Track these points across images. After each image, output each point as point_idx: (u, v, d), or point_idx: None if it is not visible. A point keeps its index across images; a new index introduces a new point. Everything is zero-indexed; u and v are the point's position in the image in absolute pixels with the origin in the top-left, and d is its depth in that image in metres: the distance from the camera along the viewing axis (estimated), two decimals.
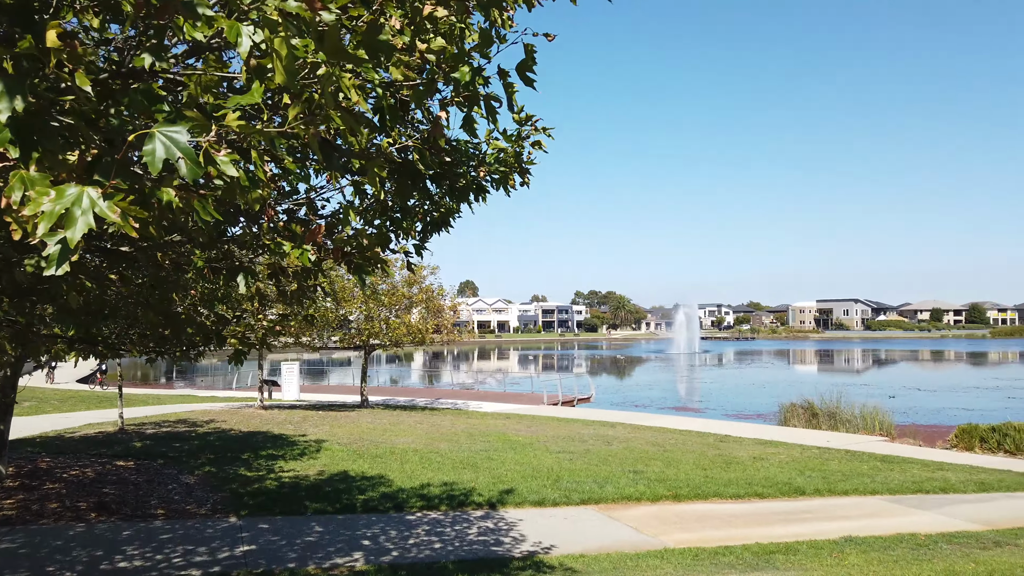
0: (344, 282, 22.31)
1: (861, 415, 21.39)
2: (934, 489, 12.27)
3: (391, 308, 23.71)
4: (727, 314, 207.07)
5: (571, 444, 16.30)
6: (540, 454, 14.48)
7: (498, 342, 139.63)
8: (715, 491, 11.33)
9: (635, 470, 12.97)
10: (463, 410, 25.50)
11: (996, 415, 28.88)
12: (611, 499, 10.57)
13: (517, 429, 19.04)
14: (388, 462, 12.78)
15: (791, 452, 16.52)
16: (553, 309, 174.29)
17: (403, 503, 9.80)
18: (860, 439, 19.35)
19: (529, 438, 16.97)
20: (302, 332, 21.47)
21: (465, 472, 12.14)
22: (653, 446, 16.69)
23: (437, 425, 19.15)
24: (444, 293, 24.82)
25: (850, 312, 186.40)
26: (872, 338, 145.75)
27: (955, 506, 11.06)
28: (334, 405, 25.69)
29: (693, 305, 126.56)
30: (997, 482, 13.01)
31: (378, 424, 18.68)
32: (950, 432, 23.75)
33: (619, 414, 25.95)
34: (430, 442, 15.55)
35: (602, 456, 14.61)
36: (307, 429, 17.02)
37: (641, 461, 14.21)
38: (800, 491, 11.67)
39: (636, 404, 34.50)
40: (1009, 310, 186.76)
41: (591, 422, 21.88)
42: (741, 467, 13.94)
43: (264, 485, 10.74)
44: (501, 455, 14.04)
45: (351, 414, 21.41)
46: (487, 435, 17.19)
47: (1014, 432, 17.14)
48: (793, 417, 22.60)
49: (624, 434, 18.99)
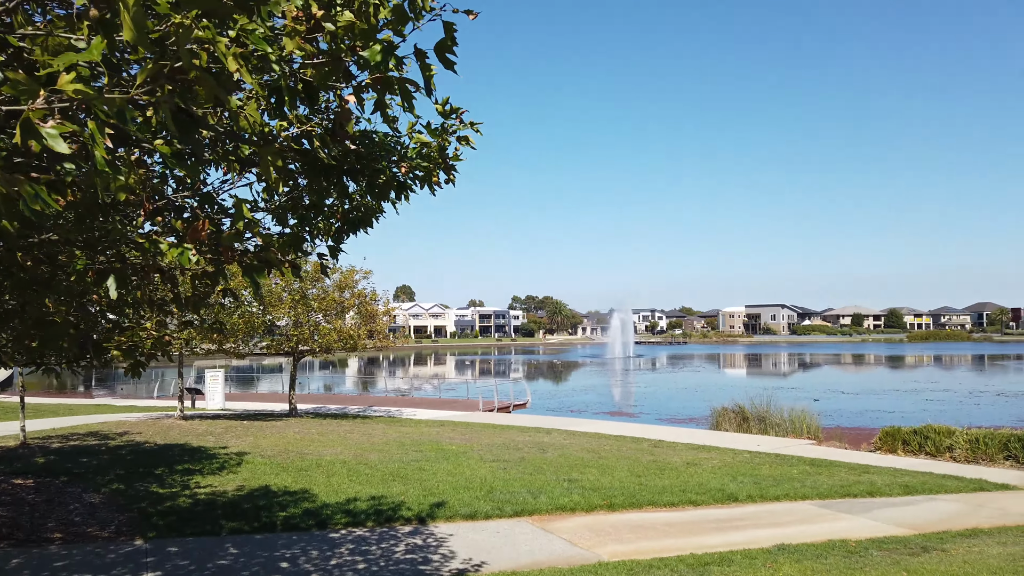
0: (272, 286, 21.47)
1: (790, 419, 21.78)
2: (861, 493, 12.44)
3: (321, 313, 22.94)
4: (660, 319, 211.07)
5: (506, 452, 15.99)
6: (474, 463, 14.12)
7: (435, 347, 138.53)
8: (649, 499, 11.19)
9: (570, 479, 12.74)
10: (396, 418, 24.91)
11: (915, 417, 29.99)
12: (545, 510, 10.29)
13: (451, 437, 18.61)
14: (314, 475, 12.20)
15: (723, 457, 16.62)
16: (490, 314, 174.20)
17: (327, 520, 9.29)
18: (789, 442, 19.68)
19: (463, 447, 16.58)
20: (224, 340, 20.53)
21: (395, 484, 11.68)
22: (588, 453, 16.53)
23: (368, 434, 18.56)
24: (377, 297, 24.18)
25: (777, 317, 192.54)
26: (797, 342, 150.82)
27: (882, 510, 11.21)
28: (261, 414, 24.72)
29: (628, 310, 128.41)
30: (920, 485, 13.31)
31: (306, 434, 17.97)
32: (874, 434, 24.49)
33: (555, 420, 25.80)
34: (360, 453, 14.99)
35: (537, 464, 14.35)
36: (229, 441, 16.20)
37: (576, 469, 14.01)
38: (733, 497, 11.65)
39: (572, 409, 34.50)
40: (924, 315, 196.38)
41: (527, 429, 21.63)
42: (675, 473, 13.89)
43: (177, 503, 10.04)
44: (433, 465, 13.61)
45: (278, 424, 20.58)
46: (420, 444, 16.72)
47: (934, 435, 17.68)
48: (725, 421, 22.87)
49: (559, 441, 18.80)
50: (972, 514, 11.14)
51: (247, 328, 20.61)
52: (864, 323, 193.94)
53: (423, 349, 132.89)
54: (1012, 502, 12.12)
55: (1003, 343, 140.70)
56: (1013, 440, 16.35)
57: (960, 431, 17.54)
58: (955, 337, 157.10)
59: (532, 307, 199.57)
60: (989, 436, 16.77)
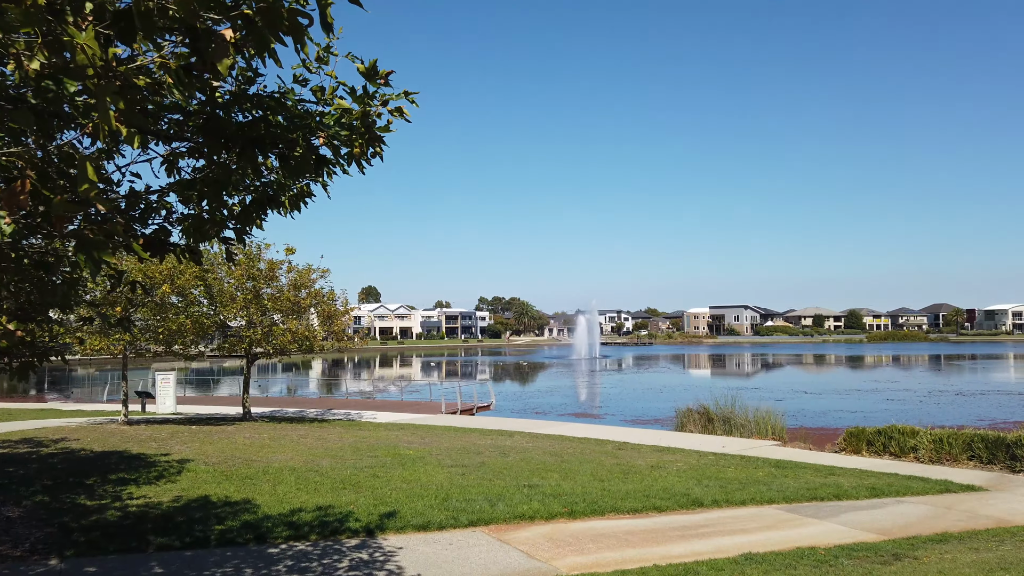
0: (224, 284, 20.58)
1: (755, 419, 21.58)
2: (828, 496, 12.14)
3: (278, 313, 22.09)
4: (626, 320, 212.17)
5: (465, 456, 15.42)
6: (431, 469, 13.52)
7: (400, 349, 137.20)
8: (612, 505, 10.72)
9: (530, 484, 12.23)
10: (355, 421, 24.17)
11: (877, 417, 30.15)
12: (503, 519, 9.75)
13: (410, 441, 17.99)
14: (259, 484, 11.49)
15: (688, 459, 16.27)
16: (457, 315, 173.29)
17: (267, 533, 8.62)
18: (754, 443, 19.44)
19: (421, 451, 15.97)
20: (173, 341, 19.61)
21: (345, 493, 11.04)
22: (551, 456, 16.05)
23: (323, 439, 17.84)
24: (335, 297, 23.41)
25: (740, 318, 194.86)
26: (761, 343, 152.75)
27: (850, 514, 10.90)
28: (214, 419, 23.78)
29: (594, 311, 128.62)
30: (887, 487, 13.07)
31: (256, 439, 17.18)
32: (837, 434, 24.43)
33: (518, 422, 25.31)
34: (311, 459, 14.29)
35: (497, 469, 13.81)
36: (173, 447, 15.36)
37: (537, 473, 13.51)
38: (698, 502, 11.24)
39: (537, 411, 34.05)
40: (883, 316, 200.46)
41: (489, 431, 21.09)
42: (639, 477, 13.46)
43: (104, 517, 9.28)
44: (388, 472, 12.99)
45: (229, 428, 19.73)
46: (376, 449, 16.06)
47: (898, 435, 17.55)
48: (689, 422, 22.59)
49: (522, 444, 18.30)
50: (940, 517, 10.89)
51: (196, 329, 19.70)
52: (825, 324, 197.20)
53: (388, 351, 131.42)
54: (979, 504, 11.92)
55: (958, 343, 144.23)
56: (976, 440, 16.27)
57: (924, 431, 17.44)
58: (913, 337, 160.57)
59: (499, 308, 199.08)
60: (953, 436, 16.67)
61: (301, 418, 25.04)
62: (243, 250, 21.56)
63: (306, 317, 22.81)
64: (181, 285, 18.43)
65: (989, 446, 16.07)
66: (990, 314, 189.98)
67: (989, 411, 32.07)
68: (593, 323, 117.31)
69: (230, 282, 20.81)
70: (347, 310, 23.93)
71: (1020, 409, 32.64)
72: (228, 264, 21.01)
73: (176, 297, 19.63)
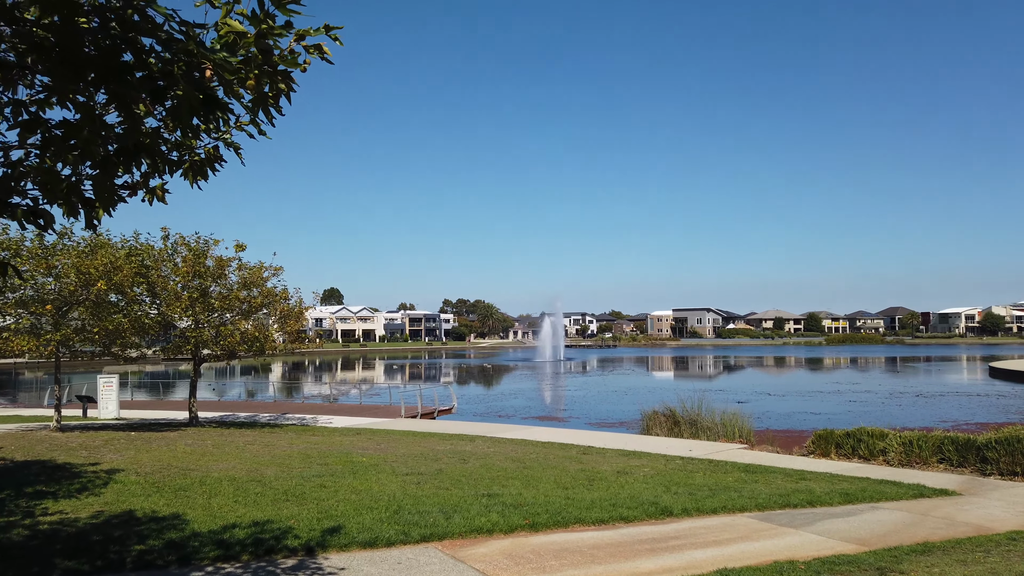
0: (168, 282, 19.40)
1: (722, 422, 21.13)
2: (801, 503, 11.61)
3: (228, 313, 20.96)
4: (591, 322, 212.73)
5: (422, 463, 14.59)
6: (384, 478, 12.67)
7: (363, 351, 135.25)
8: (577, 516, 10.01)
9: (490, 493, 11.46)
10: (310, 426, 23.15)
11: (841, 419, 30.05)
12: (458, 533, 8.97)
13: (364, 447, 17.08)
14: (192, 496, 10.52)
15: (655, 464, 15.67)
16: (420, 317, 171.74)
17: (192, 554, 7.71)
18: (721, 447, 18.96)
19: (375, 458, 15.09)
20: (111, 342, 18.38)
21: (287, 506, 10.14)
22: (512, 462, 15.30)
23: (271, 445, 16.83)
24: (289, 296, 22.35)
25: (703, 320, 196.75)
26: (723, 345, 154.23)
27: (826, 522, 10.35)
28: (158, 424, 22.54)
29: (559, 314, 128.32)
30: (860, 492, 12.60)
31: (199, 447, 16.12)
32: (804, 436, 24.12)
33: (480, 426, 24.53)
34: (255, 468, 13.32)
35: (455, 477, 13.01)
36: (104, 456, 14.23)
37: (498, 481, 12.75)
38: (667, 511, 10.59)
39: (500, 414, 33.30)
40: (841, 319, 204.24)
41: (449, 436, 20.27)
42: (605, 484, 12.79)
43: (8, 536, 8.26)
44: (337, 481, 12.10)
45: (171, 435, 18.58)
46: (327, 456, 15.14)
47: (867, 437, 17.18)
48: (655, 425, 22.06)
49: (483, 449, 17.53)
50: (919, 524, 10.40)
51: (136, 329, 18.49)
52: (785, 327, 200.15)
53: (350, 353, 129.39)
54: (955, 510, 11.49)
55: (914, 345, 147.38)
56: (946, 443, 15.96)
57: (893, 433, 17.11)
58: (870, 340, 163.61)
59: (463, 311, 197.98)
60: (923, 439, 16.35)
61: (252, 423, 23.91)
62: (176, 239, 20.35)
63: (258, 317, 21.72)
64: (119, 282, 17.25)
65: (959, 449, 15.77)
66: (944, 317, 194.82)
67: (950, 412, 32.23)
68: (558, 325, 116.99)
69: (175, 280, 19.65)
70: (302, 310, 22.88)
71: (981, 410, 32.88)
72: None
73: (116, 295, 18.41)
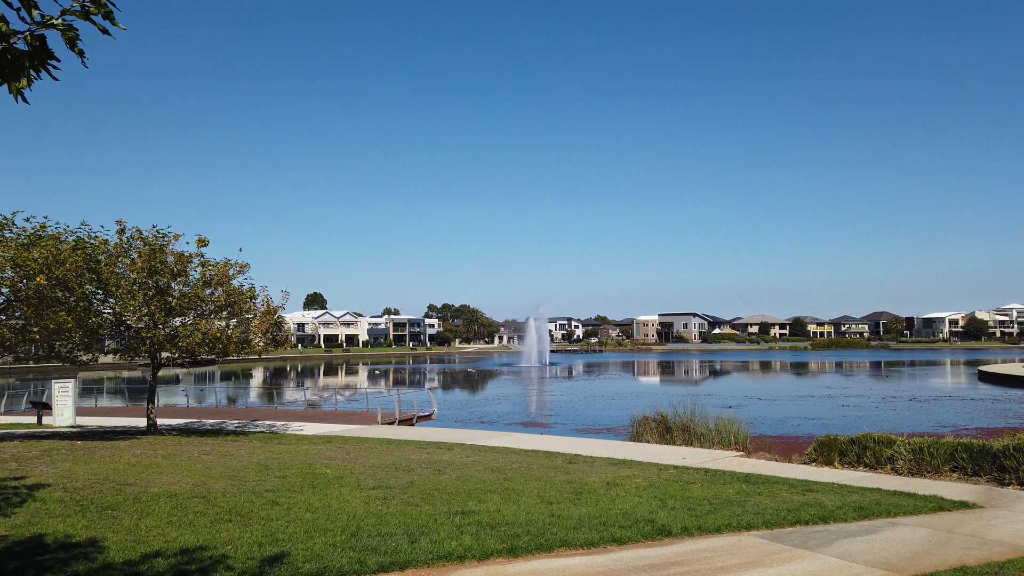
0: (120, 278, 17.92)
1: (716, 428, 19.93)
2: (813, 519, 10.39)
3: (189, 312, 19.48)
4: (577, 327, 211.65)
5: (393, 475, 13.25)
6: (347, 492, 11.32)
7: (346, 357, 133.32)
8: (562, 538, 8.72)
9: (464, 510, 10.15)
10: (278, 434, 21.72)
11: (836, 424, 29.01)
12: (424, 560, 7.65)
13: (332, 457, 15.72)
14: (120, 517, 9.12)
15: (648, 474, 14.43)
16: (405, 322, 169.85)
17: None
18: (717, 454, 17.77)
19: (341, 469, 13.73)
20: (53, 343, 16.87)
21: (228, 528, 8.77)
22: (493, 473, 14.00)
23: (229, 455, 15.42)
24: (256, 295, 20.91)
25: (689, 325, 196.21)
26: (709, 350, 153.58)
27: (844, 542, 9.13)
28: (114, 432, 21.02)
29: (544, 318, 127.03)
30: (874, 505, 11.42)
31: (147, 457, 14.67)
32: (800, 443, 22.99)
33: (461, 432, 23.20)
34: (203, 482, 11.92)
35: (427, 491, 11.68)
36: (35, 468, 12.75)
37: (475, 496, 11.44)
38: (665, 530, 9.33)
39: (483, 420, 31.97)
40: (826, 324, 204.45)
41: (426, 444, 18.93)
42: (594, 498, 11.52)
43: None
44: (293, 497, 10.74)
45: (122, 444, 17.10)
46: (288, 467, 13.76)
47: (873, 444, 16.04)
48: (646, 431, 20.82)
49: (461, 458, 16.21)
50: (948, 544, 9.21)
51: (82, 328, 16.98)
52: (771, 331, 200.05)
53: (333, 359, 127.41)
54: (983, 526, 10.31)
55: (898, 350, 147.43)
56: (960, 449, 14.83)
57: (900, 440, 15.98)
58: (855, 345, 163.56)
59: (448, 315, 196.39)
60: (934, 445, 15.22)
61: (217, 431, 22.44)
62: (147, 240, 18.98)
63: (220, 317, 20.26)
64: (62, 276, 15.76)
65: (974, 456, 14.64)
66: (928, 322, 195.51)
67: (947, 417, 31.25)
68: (543, 330, 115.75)
69: (129, 275, 18.17)
70: (271, 309, 21.44)
71: (978, 415, 31.93)
72: (128, 255, 18.40)
73: (63, 292, 16.91)
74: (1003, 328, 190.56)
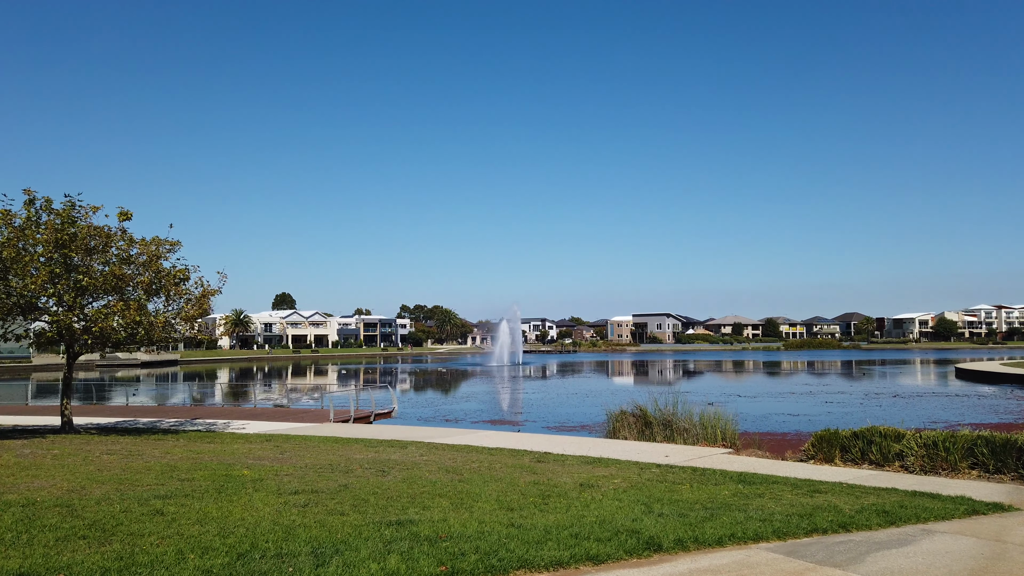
0: (19, 251, 15.53)
1: (700, 423, 18.05)
2: (831, 526, 8.48)
3: (103, 291, 17.10)
4: (551, 328, 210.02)
5: (326, 477, 11.11)
6: (260, 499, 9.16)
7: (315, 357, 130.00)
8: (521, 556, 6.68)
9: (401, 519, 8.06)
10: (215, 432, 19.45)
11: (821, 420, 27.34)
12: None
13: (261, 457, 13.52)
14: None
15: (627, 473, 12.46)
16: (376, 323, 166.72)
17: None
18: (703, 451, 15.88)
19: (264, 471, 11.55)
20: None
21: (73, 548, 6.59)
22: (446, 473, 11.92)
23: (136, 456, 13.15)
24: (187, 275, 18.58)
25: (663, 326, 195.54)
26: (683, 350, 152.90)
27: (876, 556, 7.21)
28: (18, 430, 18.60)
29: (517, 319, 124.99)
30: (897, 508, 9.55)
31: (32, 458, 12.35)
32: (789, 439, 21.19)
33: (421, 430, 21.08)
34: (83, 486, 9.68)
35: (362, 496, 9.57)
36: None
37: (419, 501, 9.36)
38: (654, 544, 7.34)
39: (448, 418, 29.85)
40: (798, 324, 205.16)
41: (376, 442, 16.80)
42: (565, 502, 9.50)
43: None
44: (186, 506, 8.57)
45: (14, 443, 14.73)
46: (200, 469, 11.54)
47: (879, 438, 14.23)
48: (624, 427, 18.88)
49: (414, 457, 14.11)
50: (1004, 558, 7.33)
51: None
52: (744, 332, 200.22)
53: (301, 359, 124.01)
54: None
55: (869, 350, 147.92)
56: (980, 444, 13.05)
57: (910, 434, 14.19)
58: (827, 345, 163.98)
59: (421, 316, 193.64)
60: (949, 439, 13.42)
61: (148, 429, 20.08)
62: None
63: (147, 300, 17.89)
64: None
65: (996, 451, 12.87)
66: (898, 322, 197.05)
67: (937, 412, 29.78)
68: (516, 329, 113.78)
69: (35, 249, 15.79)
70: (207, 292, 19.11)
71: (969, 411, 30.51)
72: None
73: None
74: (972, 329, 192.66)
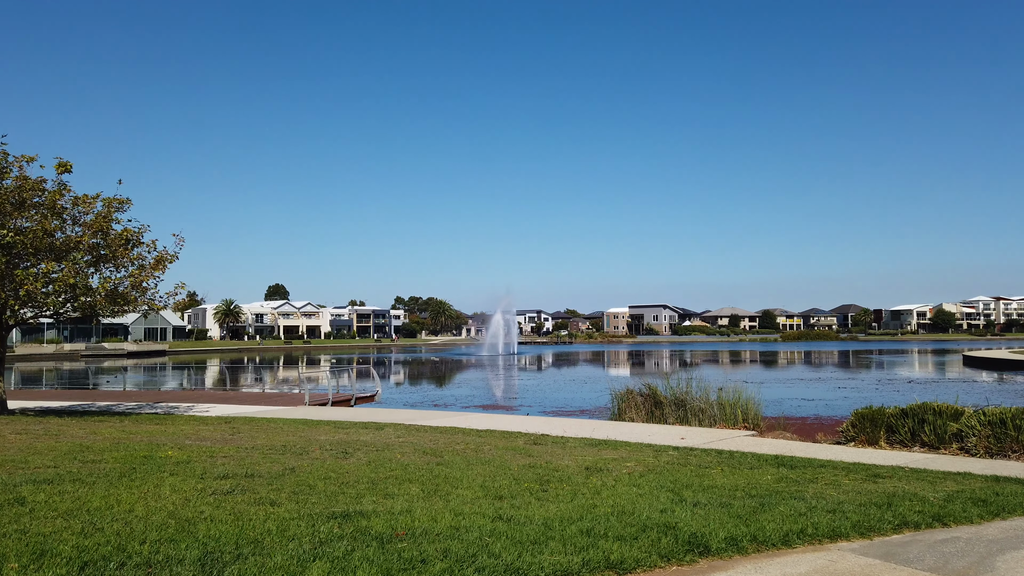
0: None
1: (718, 402, 16.01)
2: (923, 519, 6.42)
3: (40, 257, 14.93)
4: (546, 320, 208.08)
5: (272, 460, 9.01)
6: (175, 483, 7.05)
7: (306, 348, 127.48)
8: (512, 564, 4.60)
9: (349, 512, 5.96)
10: (171, 415, 17.37)
11: (839, 405, 25.44)
12: None
13: (205, 438, 11.41)
14: None
15: (641, 456, 10.38)
16: (369, 314, 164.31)
17: None
18: (723, 434, 13.82)
19: (199, 452, 9.44)
20: None
21: None
22: (423, 455, 9.83)
23: (54, 436, 11.03)
24: (138, 238, 16.40)
25: (659, 317, 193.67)
26: (679, 341, 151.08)
27: (1008, 558, 5.15)
28: None
29: (512, 309, 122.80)
30: (992, 497, 7.50)
31: None
32: (811, 424, 19.16)
33: (403, 413, 19.02)
34: None
35: (307, 482, 7.46)
36: None
37: (380, 487, 7.26)
38: (699, 545, 5.26)
39: (436, 403, 27.74)
40: (796, 316, 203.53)
41: (349, 424, 14.72)
42: (569, 489, 7.42)
43: None
44: (63, 493, 6.47)
45: None
46: (117, 450, 9.43)
47: (932, 417, 12.22)
48: (631, 408, 16.81)
49: (388, 439, 12.01)
50: None
51: None
52: (741, 323, 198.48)
53: (293, 350, 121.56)
54: None
55: (867, 341, 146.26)
56: None
57: (970, 412, 12.20)
58: (824, 336, 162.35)
59: (415, 308, 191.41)
60: (1020, 416, 11.40)
61: (94, 412, 17.96)
62: None
63: (89, 263, 15.72)
64: None
65: None
66: (896, 314, 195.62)
67: (963, 398, 27.74)
68: (511, 319, 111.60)
69: None
70: (162, 257, 16.95)
71: (995, 395, 28.57)
72: None
73: None
74: (970, 320, 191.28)
